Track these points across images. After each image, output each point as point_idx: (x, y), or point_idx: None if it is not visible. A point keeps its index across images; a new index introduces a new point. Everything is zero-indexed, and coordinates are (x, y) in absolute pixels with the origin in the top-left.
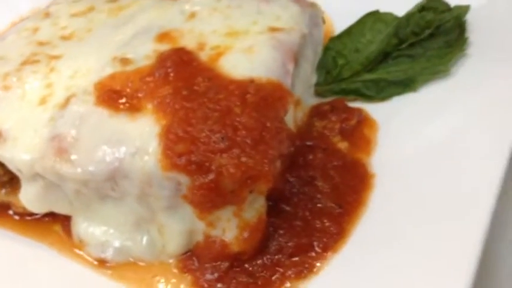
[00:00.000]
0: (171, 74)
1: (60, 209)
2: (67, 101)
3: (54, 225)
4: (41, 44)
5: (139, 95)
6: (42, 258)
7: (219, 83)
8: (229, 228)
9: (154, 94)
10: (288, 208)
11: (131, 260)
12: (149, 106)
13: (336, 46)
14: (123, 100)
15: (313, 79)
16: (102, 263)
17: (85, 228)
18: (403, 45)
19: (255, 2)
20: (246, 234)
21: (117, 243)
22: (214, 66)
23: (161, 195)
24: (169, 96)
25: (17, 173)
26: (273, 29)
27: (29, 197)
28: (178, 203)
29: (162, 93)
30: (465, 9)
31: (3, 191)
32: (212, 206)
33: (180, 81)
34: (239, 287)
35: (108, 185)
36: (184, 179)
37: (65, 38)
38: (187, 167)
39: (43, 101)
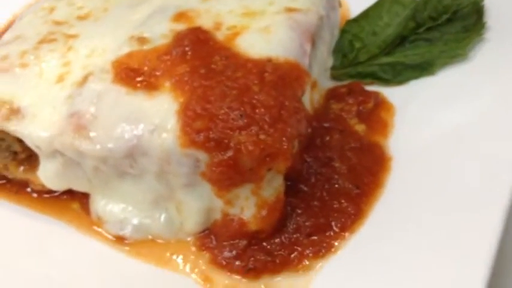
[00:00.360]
0: (189, 53)
1: (79, 186)
2: (85, 79)
3: (72, 203)
4: (57, 23)
5: (157, 73)
6: (61, 235)
7: (236, 62)
8: (247, 207)
9: (172, 72)
10: (305, 188)
11: (149, 237)
12: (167, 84)
13: (353, 29)
14: (141, 78)
15: (330, 62)
16: (120, 240)
17: (103, 205)
18: (421, 29)
19: None
20: (264, 213)
21: (135, 221)
22: (231, 45)
23: (180, 172)
24: (187, 74)
25: (36, 150)
26: (290, 10)
27: (48, 174)
28: (197, 180)
29: (179, 71)
30: None
31: (22, 168)
32: (230, 183)
33: (197, 60)
34: (257, 265)
35: (127, 162)
36: (202, 156)
37: (81, 18)
38: (206, 144)
39: (61, 79)
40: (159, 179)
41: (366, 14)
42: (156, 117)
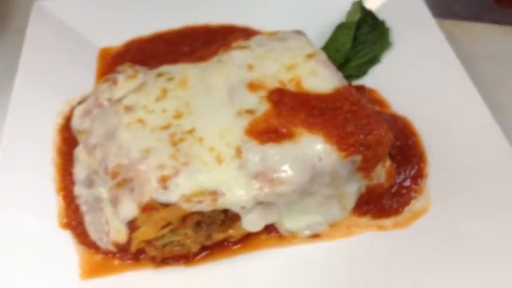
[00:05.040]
0: (294, 106)
1: (272, 219)
2: (239, 152)
3: (259, 235)
4: (165, 127)
5: (286, 125)
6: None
7: (326, 98)
8: (381, 176)
9: (297, 122)
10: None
11: (328, 224)
12: (300, 129)
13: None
14: (279, 133)
15: None
16: (316, 236)
17: (291, 224)
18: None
19: (277, 43)
20: (390, 175)
21: (315, 220)
22: (305, 91)
23: (343, 174)
24: (309, 118)
25: (240, 211)
26: (310, 56)
27: (252, 222)
28: (353, 174)
29: (301, 118)
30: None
31: (223, 231)
32: (374, 167)
33: (304, 106)
34: (401, 202)
35: (309, 185)
36: (357, 158)
37: (178, 117)
38: (359, 150)
39: (220, 160)
40: (328, 187)
41: (329, 41)
42: (315, 150)
